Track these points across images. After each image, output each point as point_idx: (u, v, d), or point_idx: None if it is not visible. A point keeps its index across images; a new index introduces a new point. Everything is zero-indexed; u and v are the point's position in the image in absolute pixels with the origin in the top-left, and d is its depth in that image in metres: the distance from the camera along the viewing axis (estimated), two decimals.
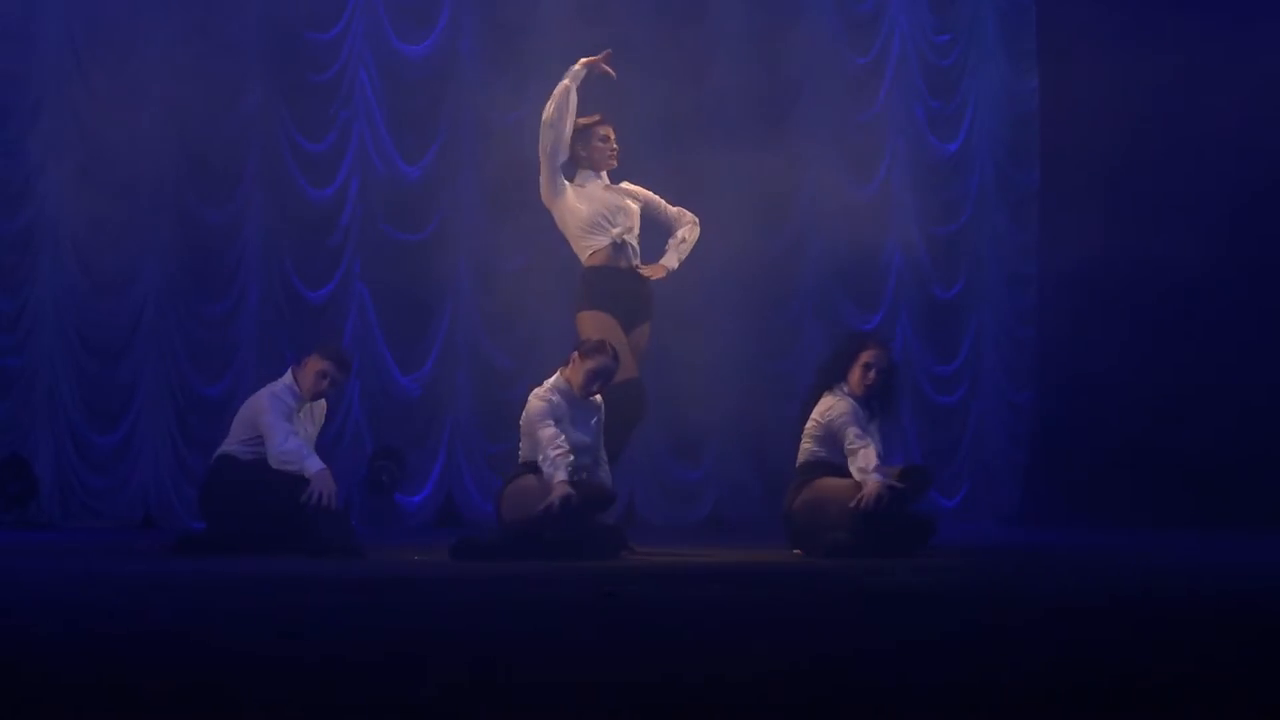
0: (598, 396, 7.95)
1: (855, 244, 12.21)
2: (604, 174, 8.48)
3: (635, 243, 8.39)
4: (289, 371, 8.19)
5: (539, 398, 7.84)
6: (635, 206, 8.42)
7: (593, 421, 7.94)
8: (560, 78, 8.63)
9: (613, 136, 8.50)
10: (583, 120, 8.49)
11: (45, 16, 10.15)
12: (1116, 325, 11.99)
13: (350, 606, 5.37)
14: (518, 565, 7.18)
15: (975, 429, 12.60)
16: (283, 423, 8.02)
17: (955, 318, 12.65)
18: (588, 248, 8.32)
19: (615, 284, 8.22)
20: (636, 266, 8.33)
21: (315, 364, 8.14)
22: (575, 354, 7.91)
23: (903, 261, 12.44)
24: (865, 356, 8.19)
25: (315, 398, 8.19)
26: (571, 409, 7.84)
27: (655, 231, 8.67)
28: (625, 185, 8.55)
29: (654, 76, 11.16)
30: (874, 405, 8.26)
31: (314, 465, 7.93)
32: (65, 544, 8.64)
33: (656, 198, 8.60)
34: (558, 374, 7.92)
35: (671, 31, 11.41)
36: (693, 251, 8.64)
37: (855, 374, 8.16)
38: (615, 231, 8.29)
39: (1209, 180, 11.44)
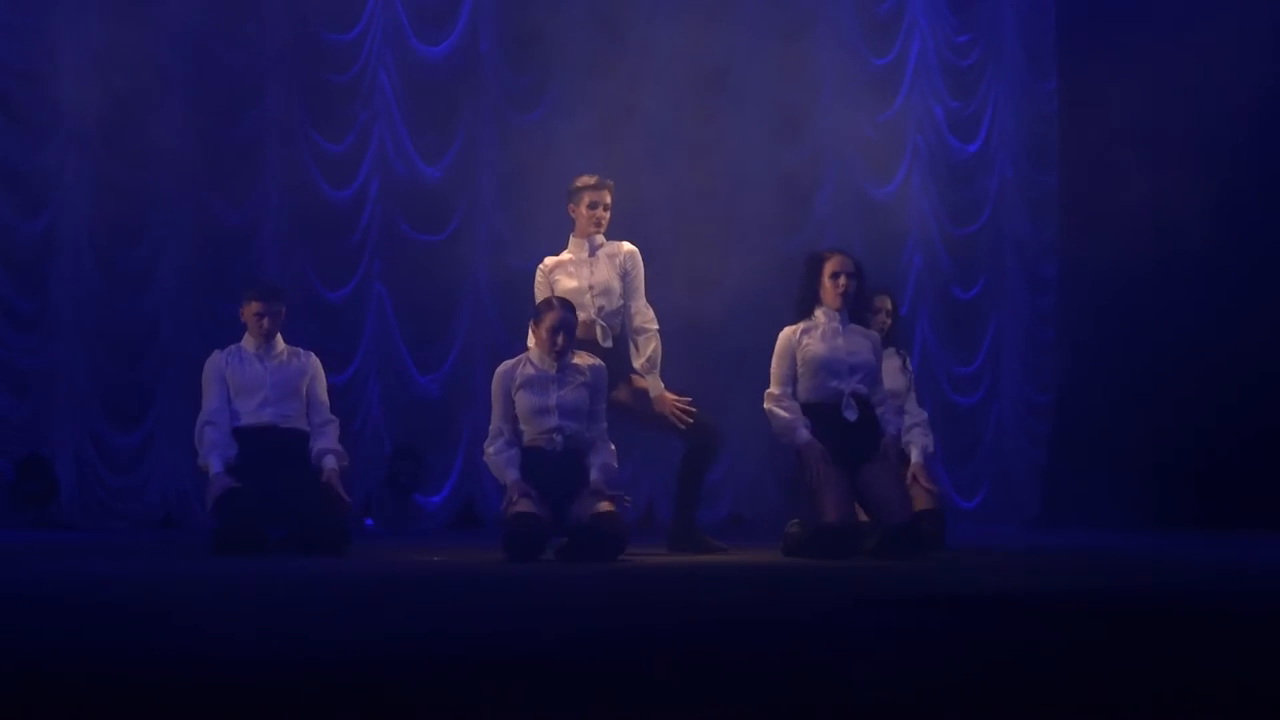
0: (582, 362, 7.81)
1: (875, 244, 12.22)
2: (598, 237, 8.42)
3: (608, 321, 8.32)
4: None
5: (497, 372, 7.84)
6: (618, 284, 8.33)
7: (571, 386, 7.73)
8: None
9: (605, 202, 8.35)
10: (579, 181, 8.43)
11: (65, 17, 10.18)
12: (1136, 326, 11.96)
13: (362, 605, 5.38)
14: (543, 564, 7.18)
15: (995, 430, 12.59)
16: (208, 389, 8.07)
17: (975, 318, 12.64)
18: None
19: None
20: (606, 344, 8.29)
21: (248, 310, 8.21)
22: (530, 325, 7.90)
23: (922, 262, 12.43)
24: (829, 268, 8.11)
25: (269, 337, 8.18)
26: (546, 379, 7.71)
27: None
28: (622, 250, 8.44)
29: (672, 77, 11.16)
30: (896, 341, 8.34)
31: (214, 465, 7.95)
32: (86, 544, 8.67)
33: (637, 280, 8.41)
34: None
35: (690, 32, 11.41)
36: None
37: (827, 292, 8.09)
38: (583, 316, 8.19)
39: (1229, 182, 11.41)
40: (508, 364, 7.88)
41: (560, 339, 7.71)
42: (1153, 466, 11.53)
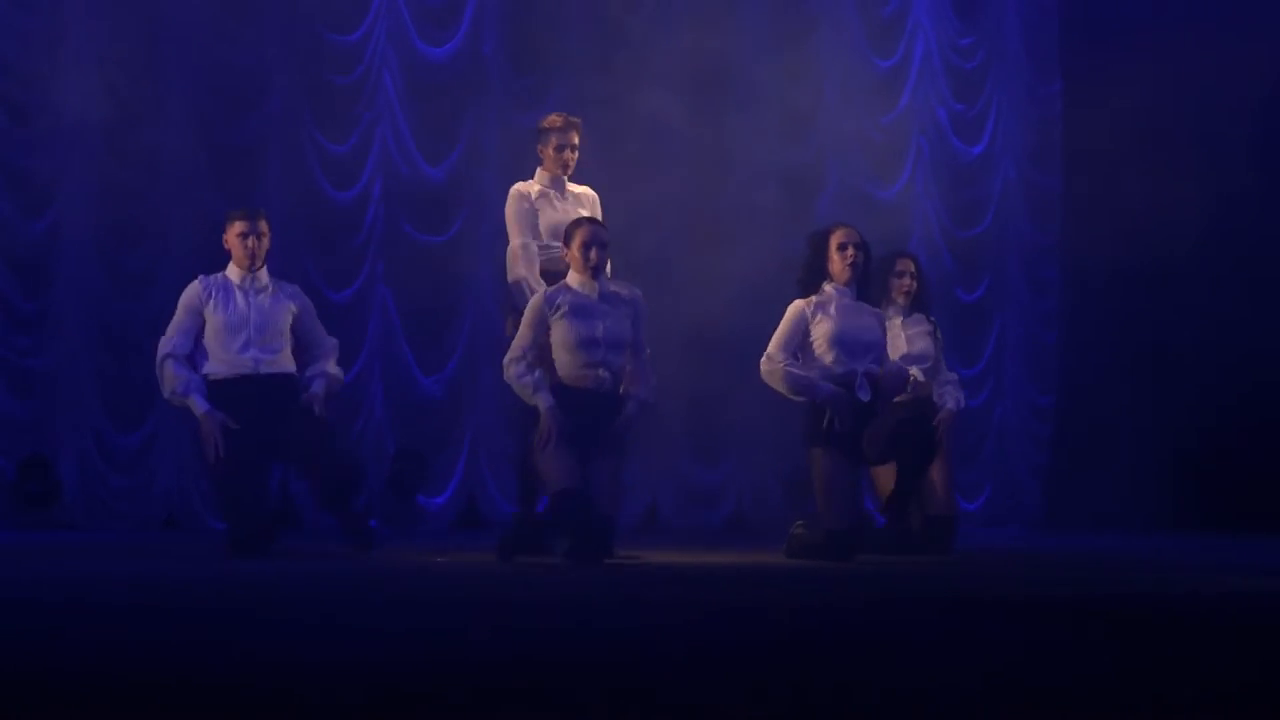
0: (623, 290, 7.72)
1: (878, 246, 12.18)
2: (564, 178, 8.37)
3: None
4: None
5: (537, 296, 7.69)
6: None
7: (616, 317, 7.62)
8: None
9: (572, 143, 8.27)
10: (545, 122, 8.39)
11: (69, 18, 10.18)
12: (1139, 329, 11.96)
13: (365, 606, 5.39)
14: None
15: (998, 432, 12.58)
16: (178, 318, 7.94)
17: (978, 321, 12.62)
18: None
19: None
20: None
21: (231, 233, 8.05)
22: (565, 250, 7.74)
23: (926, 264, 12.41)
24: (835, 239, 7.96)
25: (254, 262, 8.02)
26: (588, 306, 7.60)
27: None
28: (587, 193, 8.38)
29: (675, 78, 11.16)
30: (924, 305, 8.25)
31: (200, 404, 7.79)
32: (88, 544, 8.67)
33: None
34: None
35: (693, 33, 11.41)
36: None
37: (835, 264, 7.95)
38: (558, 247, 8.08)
39: (1233, 184, 11.39)
40: (549, 290, 7.70)
41: (594, 254, 7.58)
42: (1156, 468, 11.52)
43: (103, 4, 10.25)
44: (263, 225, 8.10)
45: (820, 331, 7.87)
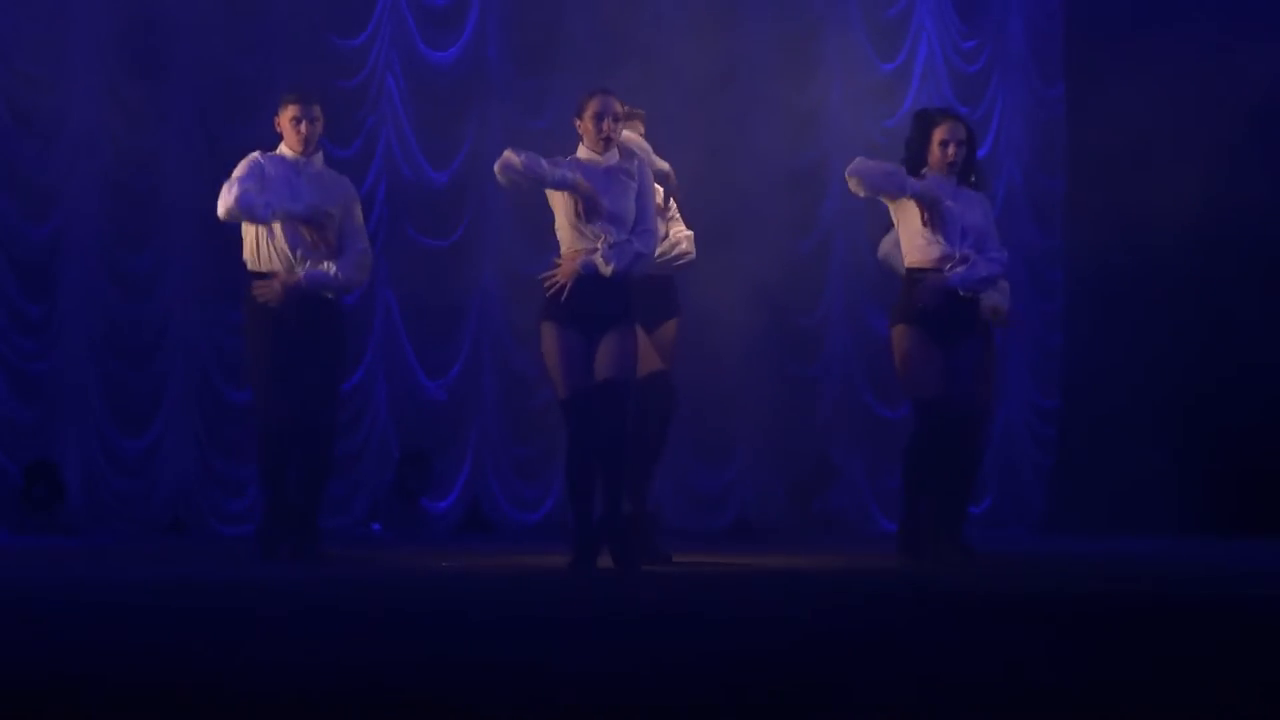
0: (629, 160, 7.42)
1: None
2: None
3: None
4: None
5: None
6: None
7: (617, 193, 7.31)
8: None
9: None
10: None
11: (74, 22, 10.20)
12: (1143, 331, 11.96)
13: (369, 609, 5.40)
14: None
15: (1002, 435, 12.57)
16: (242, 178, 7.68)
17: None
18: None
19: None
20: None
21: (284, 115, 7.84)
22: (577, 121, 7.44)
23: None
24: (938, 134, 7.70)
25: (307, 146, 7.82)
26: (597, 180, 7.30)
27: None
28: (636, 147, 7.82)
29: (680, 82, 11.17)
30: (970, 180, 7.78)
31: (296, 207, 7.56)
32: (94, 548, 8.68)
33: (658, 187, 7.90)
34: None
35: (699, 37, 11.42)
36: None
37: (934, 156, 7.71)
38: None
39: (1237, 186, 11.40)
40: (564, 159, 7.39)
41: (606, 125, 7.32)
42: (1159, 471, 11.52)
43: (107, 8, 10.26)
44: (316, 110, 7.86)
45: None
